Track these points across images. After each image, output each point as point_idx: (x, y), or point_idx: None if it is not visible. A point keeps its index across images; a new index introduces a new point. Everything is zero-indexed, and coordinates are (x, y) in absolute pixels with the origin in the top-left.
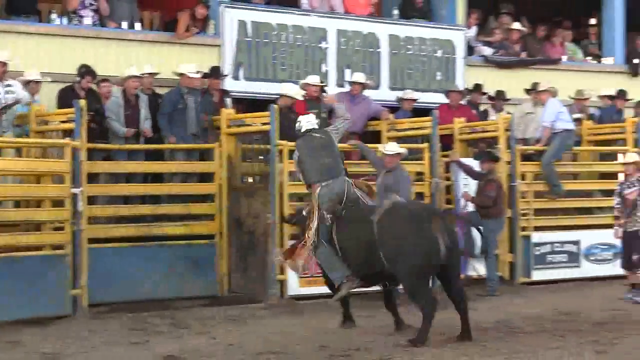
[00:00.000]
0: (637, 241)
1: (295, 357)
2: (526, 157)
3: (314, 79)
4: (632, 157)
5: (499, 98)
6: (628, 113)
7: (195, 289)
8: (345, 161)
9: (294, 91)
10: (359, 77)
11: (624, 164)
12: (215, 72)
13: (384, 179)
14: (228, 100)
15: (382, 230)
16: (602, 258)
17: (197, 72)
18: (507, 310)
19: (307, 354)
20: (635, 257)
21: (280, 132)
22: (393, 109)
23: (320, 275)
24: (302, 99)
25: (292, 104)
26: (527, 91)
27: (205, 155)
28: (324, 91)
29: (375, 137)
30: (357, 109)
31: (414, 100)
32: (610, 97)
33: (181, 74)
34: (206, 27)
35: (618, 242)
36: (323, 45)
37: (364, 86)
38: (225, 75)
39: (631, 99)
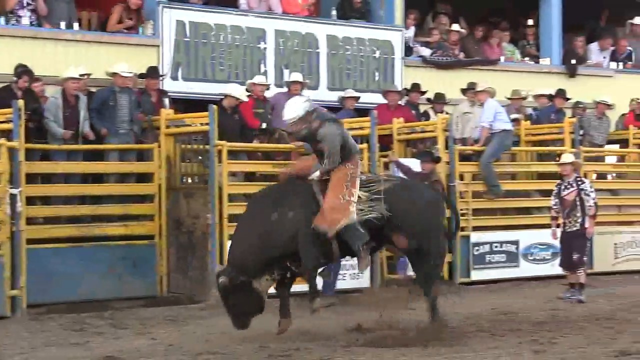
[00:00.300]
0: (577, 241)
1: (235, 357)
2: (464, 158)
3: (260, 79)
4: (568, 157)
5: (439, 101)
6: (567, 113)
7: (134, 290)
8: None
9: (239, 92)
10: (297, 76)
11: (561, 164)
12: (152, 73)
13: None
14: (166, 101)
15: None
16: (541, 258)
17: (130, 72)
18: (446, 310)
19: (246, 354)
20: (575, 256)
21: (224, 132)
22: (334, 109)
23: None
24: (246, 99)
25: (237, 104)
26: (464, 91)
27: (144, 155)
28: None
29: None
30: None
31: (356, 98)
32: (549, 97)
33: (114, 74)
34: (140, 20)
35: (556, 242)
36: (261, 45)
37: (302, 85)
38: (163, 76)
39: (569, 99)
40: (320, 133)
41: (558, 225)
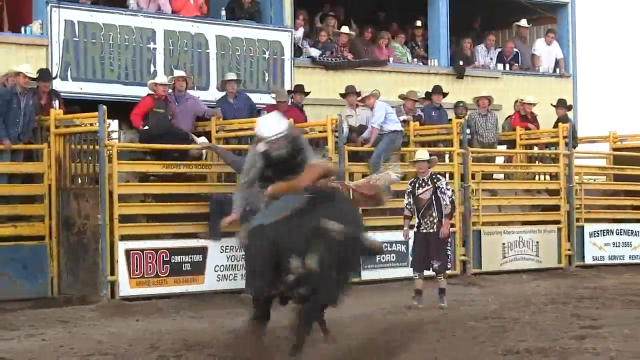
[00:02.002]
0: (436, 246)
1: (126, 358)
2: (354, 157)
3: (162, 79)
4: (423, 154)
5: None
6: (450, 114)
7: (25, 291)
8: None
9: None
10: (179, 72)
11: (415, 161)
12: (44, 75)
13: None
14: (56, 102)
15: None
16: None
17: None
18: (336, 310)
19: (137, 355)
20: (436, 264)
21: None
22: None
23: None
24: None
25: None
26: (343, 95)
27: (33, 155)
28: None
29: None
30: (183, 109)
31: (237, 82)
32: (427, 96)
33: (18, 73)
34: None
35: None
36: (151, 45)
37: (187, 83)
38: (54, 77)
39: (447, 94)
40: (300, 144)
41: (412, 227)
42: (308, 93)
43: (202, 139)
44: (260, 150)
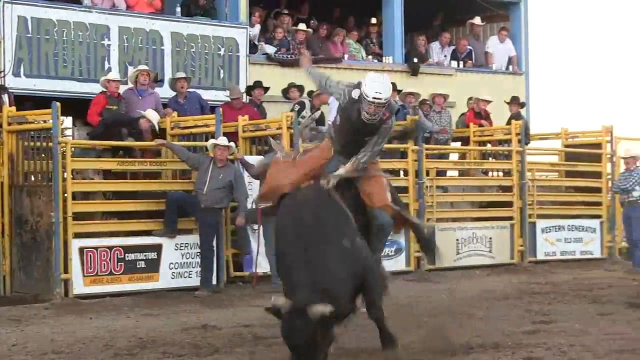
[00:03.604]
0: None
1: (80, 356)
2: None
3: (114, 75)
4: None
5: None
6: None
7: None
8: None
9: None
10: (143, 67)
11: None
12: None
13: (218, 174)
14: (5, 97)
15: None
16: (384, 254)
17: None
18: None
19: (92, 353)
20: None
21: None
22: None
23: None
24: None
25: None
26: (284, 92)
27: None
28: None
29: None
30: (146, 103)
31: (187, 80)
32: None
33: None
34: None
35: (400, 238)
36: (106, 42)
37: (149, 76)
38: (5, 74)
39: (401, 91)
40: (388, 123)
41: None
42: (268, 89)
43: (150, 112)
44: (358, 108)
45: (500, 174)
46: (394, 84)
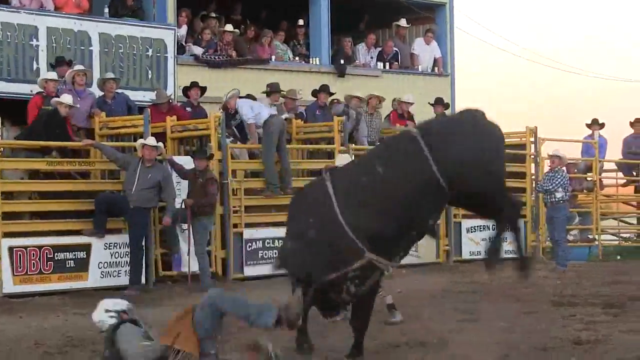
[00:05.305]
0: None
1: (10, 355)
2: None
3: (52, 75)
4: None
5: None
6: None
7: None
8: None
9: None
10: (79, 66)
11: None
12: None
13: (146, 174)
14: None
15: None
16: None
17: None
18: None
19: (22, 351)
20: None
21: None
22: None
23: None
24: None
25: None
26: (267, 94)
27: None
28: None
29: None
30: (84, 104)
31: (116, 81)
32: (313, 94)
33: None
34: None
35: None
36: (34, 42)
37: (86, 76)
38: None
39: (333, 94)
40: None
41: None
42: (204, 88)
43: (64, 96)
44: None
45: None
46: (326, 86)
